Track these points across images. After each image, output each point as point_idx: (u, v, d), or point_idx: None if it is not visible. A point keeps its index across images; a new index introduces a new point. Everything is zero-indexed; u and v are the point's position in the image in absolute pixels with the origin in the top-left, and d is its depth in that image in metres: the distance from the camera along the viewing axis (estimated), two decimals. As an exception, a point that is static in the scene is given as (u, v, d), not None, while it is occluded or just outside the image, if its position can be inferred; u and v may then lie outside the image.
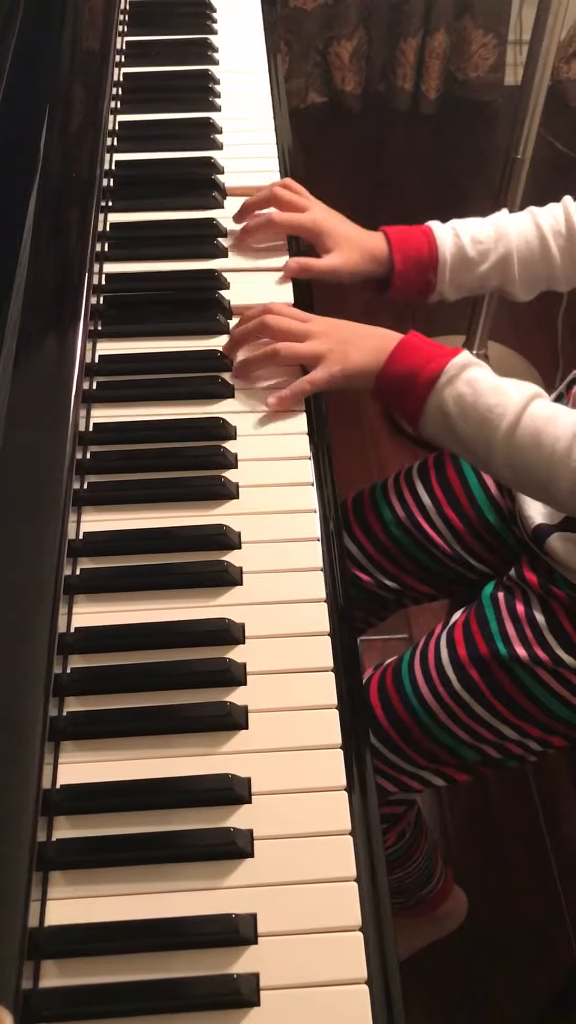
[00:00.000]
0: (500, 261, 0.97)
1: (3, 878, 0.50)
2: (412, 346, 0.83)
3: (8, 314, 0.70)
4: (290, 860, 0.61)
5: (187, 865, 0.60)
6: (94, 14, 1.07)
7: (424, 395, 0.81)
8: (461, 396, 0.80)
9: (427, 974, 1.29)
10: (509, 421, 0.78)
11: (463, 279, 0.98)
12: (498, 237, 0.97)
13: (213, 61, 1.19)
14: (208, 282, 0.93)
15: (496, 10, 2.47)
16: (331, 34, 2.51)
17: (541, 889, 1.38)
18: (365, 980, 0.57)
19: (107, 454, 0.80)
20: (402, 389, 0.82)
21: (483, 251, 0.96)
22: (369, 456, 1.90)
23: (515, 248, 0.97)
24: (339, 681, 0.69)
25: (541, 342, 2.06)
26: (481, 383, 0.80)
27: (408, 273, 0.96)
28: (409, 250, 0.96)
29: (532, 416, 0.78)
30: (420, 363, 0.81)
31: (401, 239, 0.96)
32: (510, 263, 0.97)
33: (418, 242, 0.96)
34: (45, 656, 0.59)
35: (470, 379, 0.80)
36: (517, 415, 0.78)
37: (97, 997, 0.56)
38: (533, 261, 0.98)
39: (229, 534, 0.75)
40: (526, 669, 0.88)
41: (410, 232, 0.97)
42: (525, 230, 0.97)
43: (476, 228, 0.97)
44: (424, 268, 0.96)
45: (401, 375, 0.82)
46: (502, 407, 0.78)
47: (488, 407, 0.79)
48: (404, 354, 0.82)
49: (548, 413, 0.78)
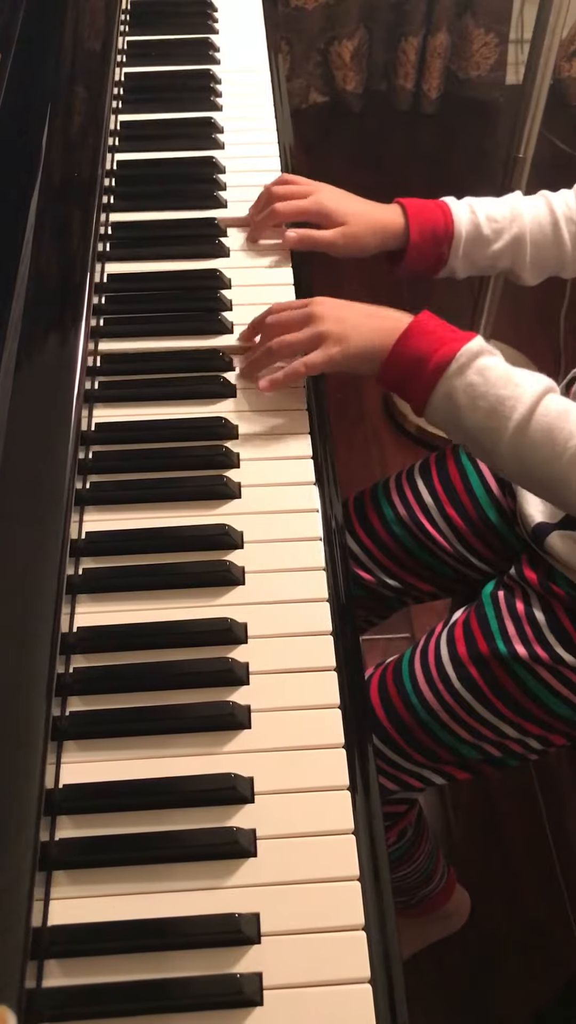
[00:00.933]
0: (513, 241, 0.97)
1: (7, 878, 0.50)
2: (424, 328, 0.80)
3: (10, 314, 0.70)
4: (293, 860, 0.61)
5: (190, 865, 0.60)
6: (95, 14, 1.07)
7: (433, 381, 0.78)
8: (472, 386, 0.77)
9: (429, 974, 1.29)
10: (521, 414, 0.76)
11: (475, 256, 0.98)
12: (513, 217, 0.97)
13: (214, 61, 1.19)
14: (209, 282, 0.93)
15: (497, 9, 2.46)
16: (332, 33, 2.51)
17: (544, 889, 1.38)
18: (368, 980, 0.57)
19: (109, 454, 0.80)
20: (409, 373, 0.79)
21: (497, 230, 0.96)
22: (371, 455, 1.90)
23: (528, 230, 0.97)
24: (341, 680, 0.69)
25: (543, 340, 2.06)
26: (493, 372, 0.77)
27: (423, 245, 0.96)
28: (425, 223, 0.96)
29: (546, 410, 0.76)
30: (430, 347, 0.79)
31: (418, 211, 0.96)
32: (523, 245, 0.97)
33: (434, 215, 0.96)
34: (48, 656, 0.59)
35: (482, 368, 0.78)
36: (530, 409, 0.76)
37: (100, 997, 0.56)
38: (545, 245, 0.97)
39: (231, 534, 0.75)
40: (526, 667, 0.88)
41: (426, 205, 0.97)
42: (539, 213, 0.97)
43: (491, 207, 0.97)
44: (439, 241, 0.96)
45: (409, 358, 0.79)
46: (514, 399, 0.76)
47: (499, 399, 0.76)
48: (414, 336, 0.80)
49: (561, 408, 0.76)
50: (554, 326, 2.06)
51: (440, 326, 0.81)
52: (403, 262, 0.98)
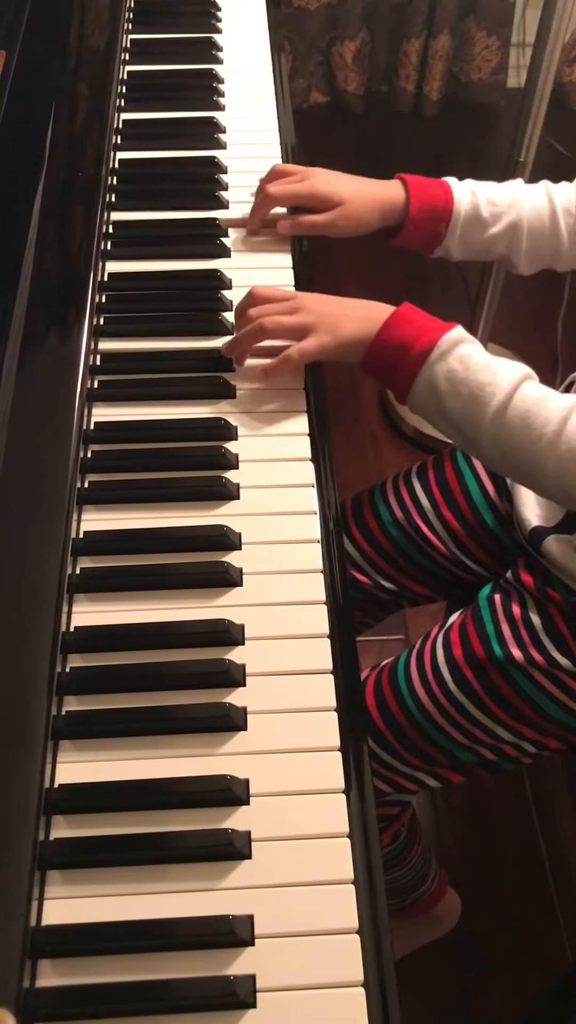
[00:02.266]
0: (510, 227, 0.97)
1: (6, 878, 0.50)
2: (405, 318, 0.81)
3: (13, 311, 0.70)
4: (288, 862, 0.61)
5: (185, 866, 0.60)
6: (100, 12, 1.07)
7: (415, 369, 0.80)
8: (452, 372, 0.79)
9: (421, 975, 1.29)
10: (500, 400, 0.77)
11: (472, 238, 0.98)
12: (512, 203, 0.97)
13: (217, 60, 1.19)
14: (211, 282, 0.93)
15: (500, 12, 2.47)
16: (334, 34, 2.51)
17: (535, 891, 1.38)
18: (361, 983, 0.57)
19: (108, 453, 0.80)
20: (392, 361, 0.81)
21: (496, 214, 0.97)
22: (368, 458, 1.90)
23: (526, 218, 0.97)
24: (338, 683, 0.69)
25: (540, 344, 2.06)
26: (474, 360, 0.79)
27: (421, 220, 0.96)
28: (426, 198, 0.96)
29: (523, 397, 0.77)
30: (412, 335, 0.80)
31: (419, 187, 0.97)
32: (520, 232, 0.97)
33: (435, 192, 0.97)
34: (48, 655, 0.59)
35: (463, 355, 0.79)
36: (508, 395, 0.77)
37: (94, 997, 0.56)
38: (542, 235, 0.98)
39: (229, 535, 0.75)
40: (521, 671, 0.88)
41: (428, 182, 0.98)
42: (538, 202, 0.98)
43: (493, 191, 0.98)
44: (437, 218, 0.97)
45: (392, 347, 0.81)
46: (493, 386, 0.77)
47: (479, 385, 0.78)
48: (397, 325, 0.81)
49: (539, 395, 0.77)
50: (551, 330, 2.06)
51: (421, 315, 0.82)
52: (400, 236, 0.98)
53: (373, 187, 0.97)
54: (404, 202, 0.96)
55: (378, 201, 0.96)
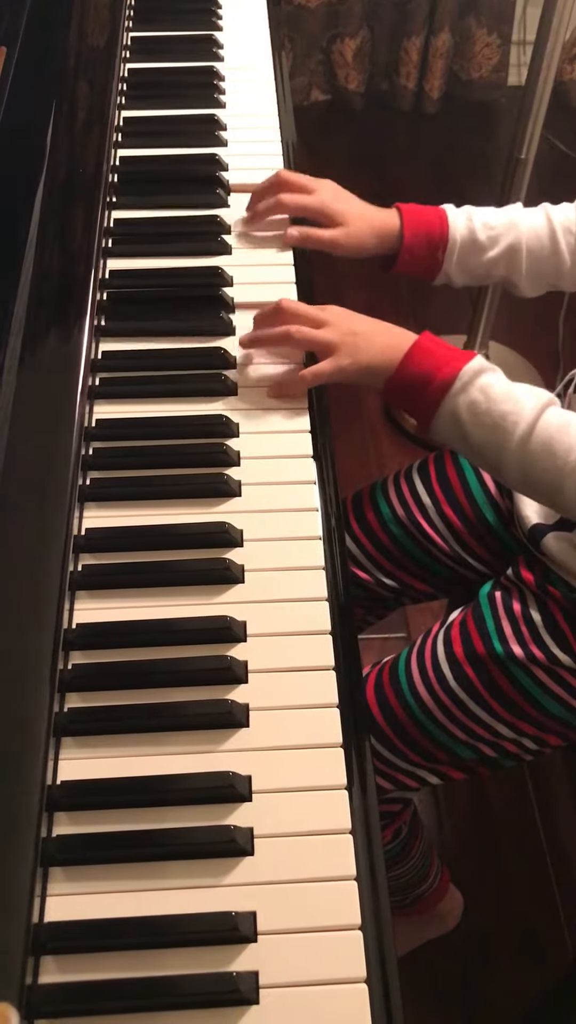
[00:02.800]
0: (509, 249, 0.97)
1: (8, 875, 0.50)
2: (425, 349, 0.82)
3: (14, 310, 0.70)
4: (290, 858, 0.61)
5: (187, 862, 0.60)
6: (101, 10, 1.07)
7: (437, 400, 0.81)
8: (474, 403, 0.80)
9: (423, 973, 1.29)
10: (523, 430, 0.78)
11: (470, 263, 0.98)
12: (510, 226, 0.97)
13: (218, 58, 1.19)
14: (212, 279, 0.93)
15: (500, 10, 2.46)
16: (335, 32, 2.51)
17: (537, 888, 1.39)
18: (364, 979, 0.57)
19: (110, 450, 0.80)
20: (414, 393, 0.82)
21: (493, 237, 0.97)
22: (369, 455, 1.90)
23: (525, 240, 0.97)
24: (340, 680, 0.69)
25: (542, 343, 2.06)
26: (495, 389, 0.80)
27: (416, 248, 0.97)
28: (420, 225, 0.97)
29: (546, 425, 0.78)
30: (433, 367, 0.81)
31: (413, 214, 0.97)
32: (518, 253, 0.97)
33: (429, 219, 0.97)
34: (50, 651, 0.59)
35: (483, 385, 0.80)
36: (531, 424, 0.78)
37: (96, 993, 0.56)
38: (542, 256, 0.98)
39: (231, 532, 0.75)
40: (522, 667, 0.88)
41: (423, 210, 0.98)
42: (536, 224, 0.98)
43: (489, 215, 0.98)
44: (433, 246, 0.97)
45: (413, 379, 0.82)
46: (515, 415, 0.78)
47: (501, 415, 0.79)
48: (417, 357, 0.82)
49: (561, 422, 0.78)
50: (553, 329, 2.06)
51: (441, 346, 0.83)
52: (397, 264, 0.98)
53: (373, 212, 0.98)
54: (399, 230, 0.97)
55: (376, 226, 0.97)
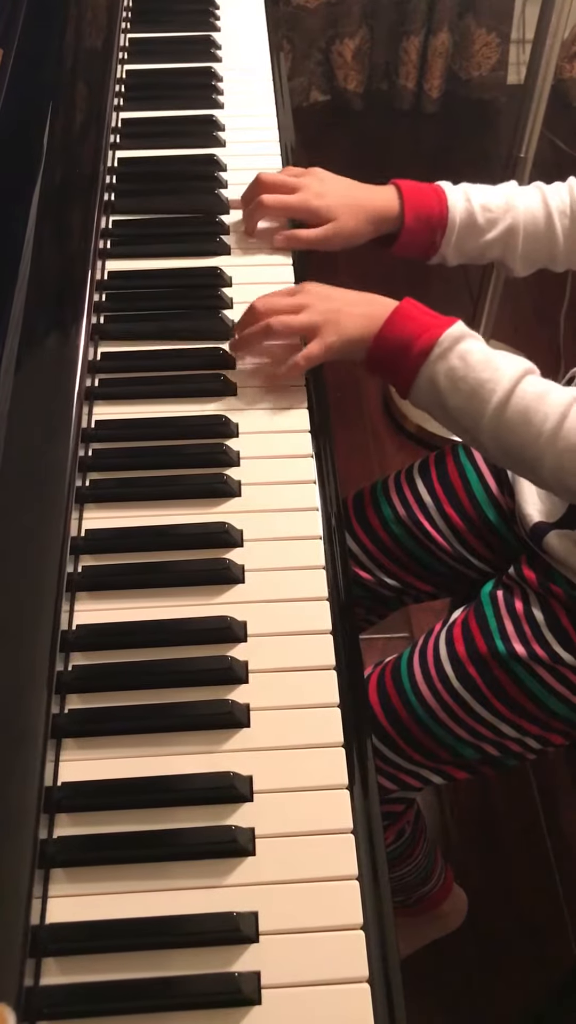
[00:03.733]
0: (506, 232, 0.96)
1: (7, 875, 0.50)
2: (407, 314, 0.82)
3: (11, 311, 0.70)
4: (291, 858, 0.60)
5: (188, 863, 0.60)
6: (97, 11, 1.07)
7: (416, 366, 0.80)
8: (453, 369, 0.79)
9: (426, 973, 1.29)
10: (499, 397, 0.77)
11: (467, 245, 0.98)
12: (507, 208, 0.96)
13: (216, 58, 1.19)
14: (210, 279, 0.93)
15: (499, 9, 2.46)
16: (334, 32, 2.51)
17: (541, 888, 1.38)
18: (367, 979, 0.57)
19: (109, 451, 0.80)
20: (394, 359, 0.81)
21: (491, 219, 0.96)
22: (370, 454, 1.90)
23: (522, 222, 0.96)
24: (341, 679, 0.68)
25: (543, 339, 2.06)
26: (474, 356, 0.79)
27: (417, 231, 0.96)
28: (421, 207, 0.95)
29: (523, 393, 0.77)
30: (414, 332, 0.80)
31: (414, 195, 0.96)
32: (515, 236, 0.97)
33: (430, 200, 0.96)
34: (48, 653, 0.59)
35: (463, 352, 0.79)
36: (508, 391, 0.77)
37: (98, 995, 0.56)
38: (537, 237, 0.97)
39: (231, 532, 0.75)
40: (524, 666, 0.88)
41: (422, 189, 0.97)
42: (533, 206, 0.97)
43: (487, 196, 0.97)
44: (432, 228, 0.96)
45: (394, 344, 0.81)
46: (493, 383, 0.77)
47: (479, 382, 0.78)
48: (398, 322, 0.81)
49: (538, 390, 0.77)
50: (554, 326, 2.06)
51: (423, 312, 0.82)
52: (395, 246, 0.97)
53: (366, 195, 0.96)
54: (399, 212, 0.95)
55: (372, 211, 0.95)
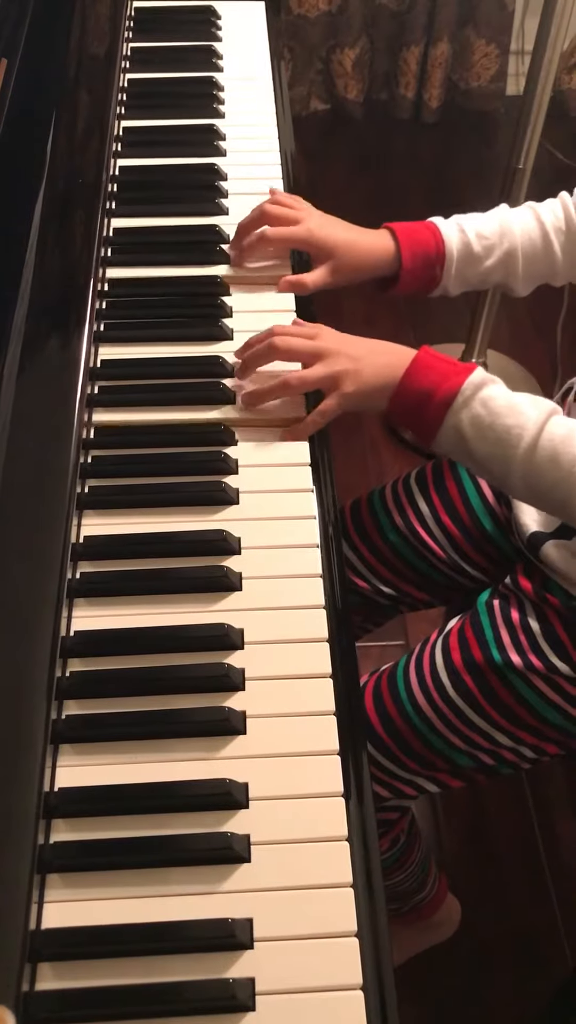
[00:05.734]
0: (505, 257, 0.97)
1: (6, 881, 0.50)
2: (425, 364, 0.81)
3: (13, 318, 0.71)
4: (287, 865, 0.61)
5: (184, 869, 0.60)
6: (101, 21, 1.07)
7: (439, 416, 0.80)
8: (477, 417, 0.79)
9: (420, 981, 1.29)
10: (527, 442, 0.77)
11: (468, 274, 0.98)
12: (503, 233, 0.97)
13: (217, 68, 1.19)
14: (210, 288, 0.94)
15: (499, 20, 2.48)
16: (334, 42, 2.52)
17: (535, 897, 1.38)
18: (360, 986, 0.57)
19: (108, 458, 0.80)
20: (416, 409, 0.81)
21: (488, 247, 0.96)
22: (368, 463, 1.90)
23: (520, 244, 0.97)
24: (337, 687, 0.69)
25: (540, 351, 2.06)
26: (497, 402, 0.79)
27: (416, 270, 0.96)
28: (417, 247, 0.96)
29: (551, 436, 0.77)
30: (434, 383, 0.80)
31: (408, 236, 0.96)
32: (514, 259, 0.97)
33: (425, 238, 0.96)
34: (48, 659, 0.59)
35: (485, 399, 0.79)
36: (535, 436, 0.77)
37: (93, 1000, 0.56)
38: (536, 257, 0.98)
39: (229, 539, 0.75)
40: (520, 676, 0.88)
41: (416, 228, 0.97)
42: (528, 227, 0.97)
43: (481, 224, 0.97)
44: (431, 264, 0.96)
45: (415, 395, 0.80)
46: (519, 428, 0.77)
47: (505, 428, 0.78)
48: (418, 373, 0.81)
49: (565, 432, 0.77)
50: (551, 336, 2.06)
51: (441, 360, 0.82)
52: (397, 287, 0.98)
53: (363, 237, 0.96)
54: (395, 254, 0.95)
55: (368, 253, 0.95)
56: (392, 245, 0.96)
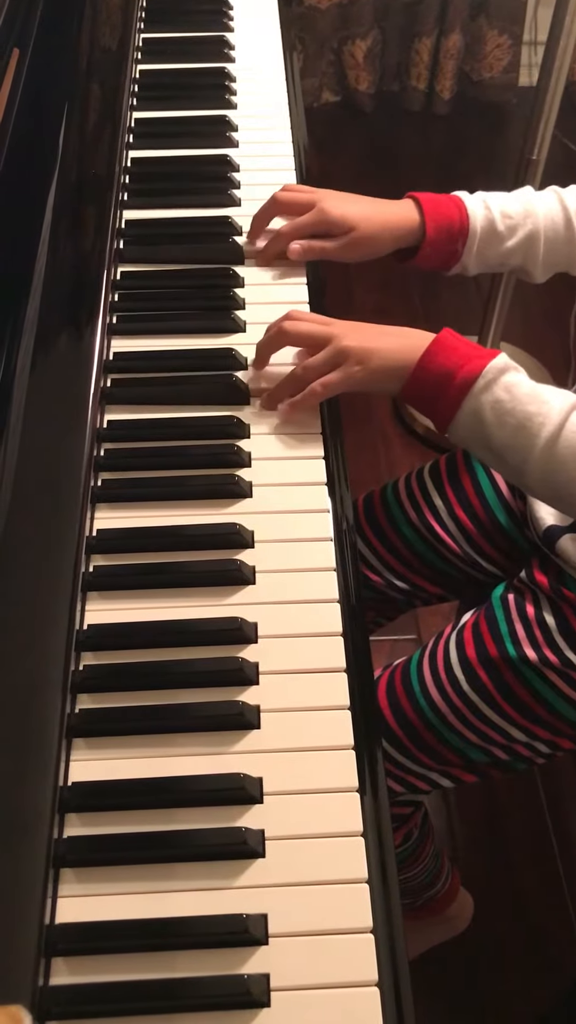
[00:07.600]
0: (527, 239, 0.95)
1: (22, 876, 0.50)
2: (448, 345, 0.79)
3: (27, 311, 0.70)
4: (301, 861, 0.60)
5: (198, 864, 0.60)
6: (112, 11, 1.07)
7: (459, 399, 0.77)
8: (499, 402, 0.76)
9: (432, 976, 1.28)
10: (550, 431, 0.75)
11: (488, 253, 0.96)
12: (527, 214, 0.95)
13: (229, 59, 1.19)
14: (223, 280, 0.93)
15: (511, 10, 2.46)
16: (345, 33, 2.51)
17: (548, 891, 1.38)
18: (376, 982, 0.56)
19: (121, 451, 0.80)
20: (435, 390, 0.78)
21: (512, 227, 0.95)
22: (380, 456, 1.90)
23: (543, 227, 0.95)
24: (351, 682, 0.68)
25: (553, 343, 2.05)
26: (520, 389, 0.76)
27: (438, 242, 0.94)
28: (441, 219, 0.94)
29: (573, 427, 0.75)
30: (455, 364, 0.78)
31: (434, 207, 0.94)
32: (536, 242, 0.96)
33: (449, 211, 0.95)
34: (63, 653, 0.59)
35: (508, 384, 0.77)
36: (559, 425, 0.75)
37: (106, 995, 0.56)
38: (558, 242, 0.96)
39: (242, 533, 0.75)
40: (535, 671, 0.88)
41: (441, 200, 0.95)
42: (552, 211, 0.96)
43: (506, 203, 0.96)
44: (453, 237, 0.95)
45: (434, 375, 0.78)
46: (542, 416, 0.75)
47: (527, 415, 0.75)
48: (439, 353, 0.79)
49: None
50: (564, 328, 2.05)
51: (463, 343, 0.80)
52: (416, 258, 0.97)
53: (385, 208, 0.95)
54: (419, 225, 0.94)
55: (391, 223, 0.94)
56: (416, 215, 0.94)
